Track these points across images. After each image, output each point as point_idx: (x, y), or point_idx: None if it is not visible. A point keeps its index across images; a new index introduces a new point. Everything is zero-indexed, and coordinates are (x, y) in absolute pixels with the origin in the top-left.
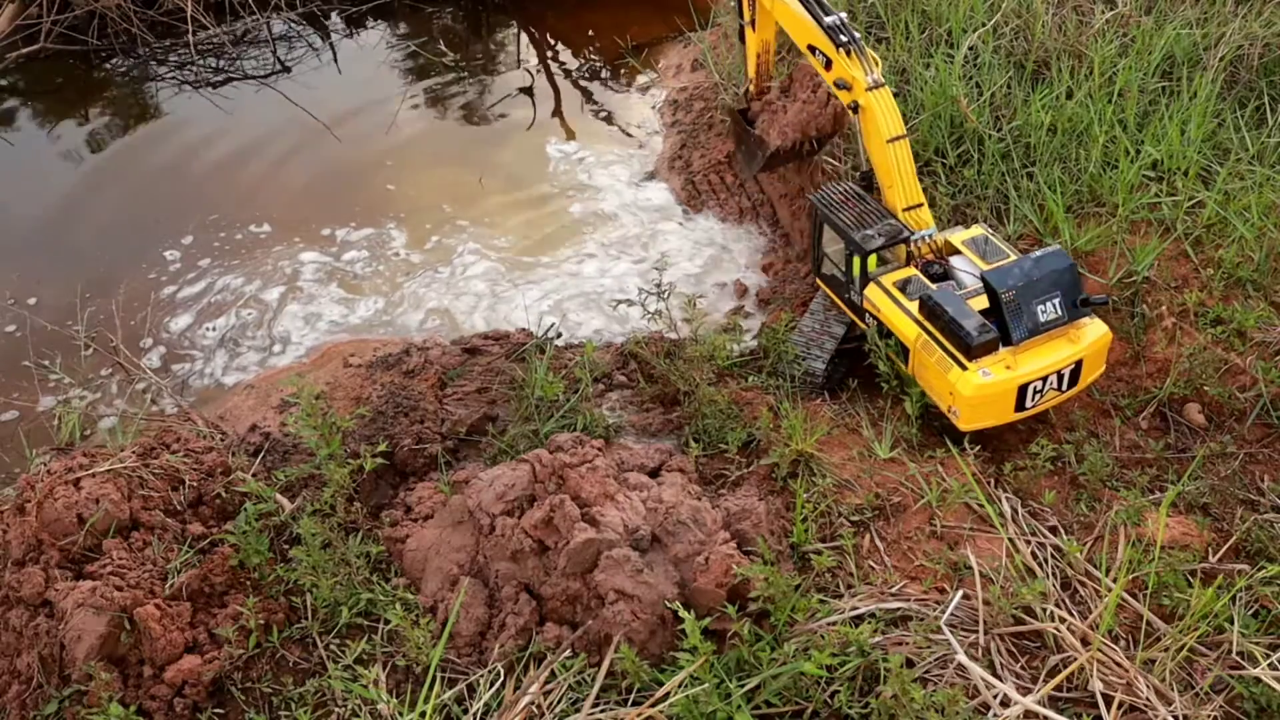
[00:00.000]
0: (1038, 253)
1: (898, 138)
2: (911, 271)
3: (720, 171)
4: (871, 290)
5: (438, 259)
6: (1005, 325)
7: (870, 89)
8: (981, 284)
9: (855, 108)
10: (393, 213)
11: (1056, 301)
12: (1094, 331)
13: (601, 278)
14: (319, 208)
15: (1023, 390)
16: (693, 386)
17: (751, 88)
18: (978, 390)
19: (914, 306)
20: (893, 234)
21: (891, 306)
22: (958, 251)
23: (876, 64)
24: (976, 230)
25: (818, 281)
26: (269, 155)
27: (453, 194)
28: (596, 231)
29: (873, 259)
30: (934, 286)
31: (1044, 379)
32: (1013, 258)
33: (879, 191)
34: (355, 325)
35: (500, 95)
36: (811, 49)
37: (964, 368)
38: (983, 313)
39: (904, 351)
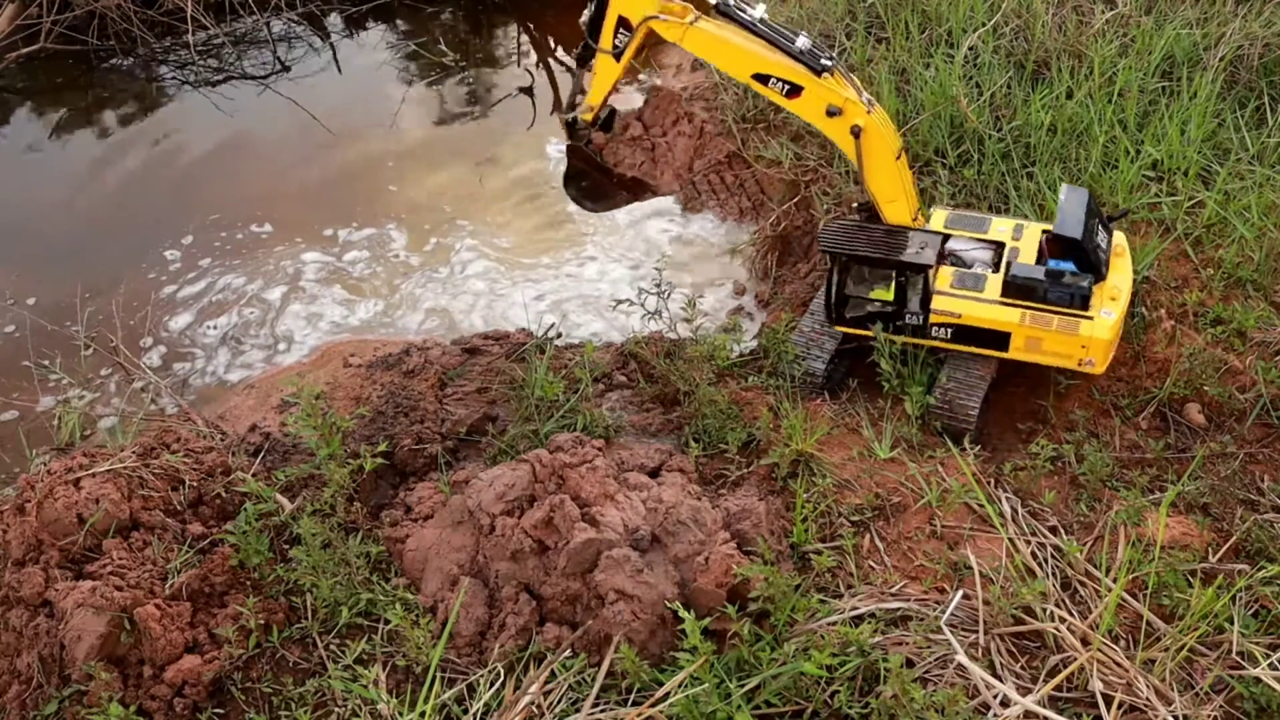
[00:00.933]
0: (1063, 196)
1: (902, 151)
2: (949, 271)
3: (720, 171)
4: (940, 302)
5: (437, 259)
6: (1087, 266)
7: (868, 110)
8: (989, 251)
9: (857, 132)
10: (394, 213)
11: (1100, 227)
12: (1122, 241)
13: (600, 279)
14: (320, 208)
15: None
16: (693, 386)
17: (589, 116)
18: (1111, 330)
19: (996, 294)
20: (932, 240)
21: (972, 305)
22: (947, 237)
23: (859, 83)
24: (941, 212)
25: (843, 331)
26: (269, 156)
27: (453, 194)
28: (595, 232)
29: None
30: (989, 271)
31: (1131, 294)
32: (996, 219)
33: (879, 213)
34: (356, 325)
35: (500, 95)
36: (762, 78)
37: (1090, 318)
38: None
39: (996, 342)
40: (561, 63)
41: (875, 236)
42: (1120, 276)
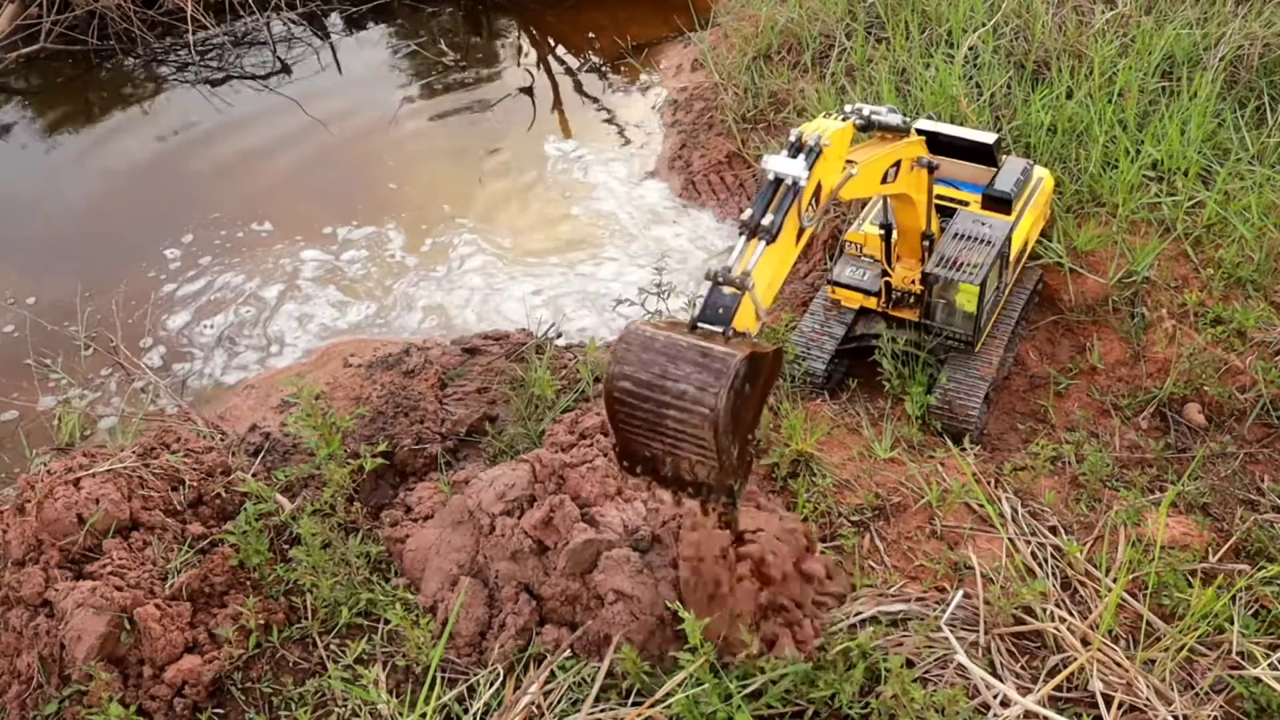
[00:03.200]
0: (929, 127)
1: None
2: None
3: (720, 171)
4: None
5: (435, 259)
6: (990, 159)
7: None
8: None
9: (933, 167)
10: (394, 212)
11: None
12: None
13: (599, 278)
14: (321, 206)
15: None
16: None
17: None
18: (1046, 171)
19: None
20: (970, 214)
21: (1015, 235)
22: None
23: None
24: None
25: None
26: (270, 155)
27: (453, 193)
28: (595, 231)
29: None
30: (974, 218)
31: None
32: None
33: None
34: (350, 326)
35: (500, 95)
36: (884, 177)
37: (1041, 178)
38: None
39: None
40: (561, 62)
41: (962, 247)
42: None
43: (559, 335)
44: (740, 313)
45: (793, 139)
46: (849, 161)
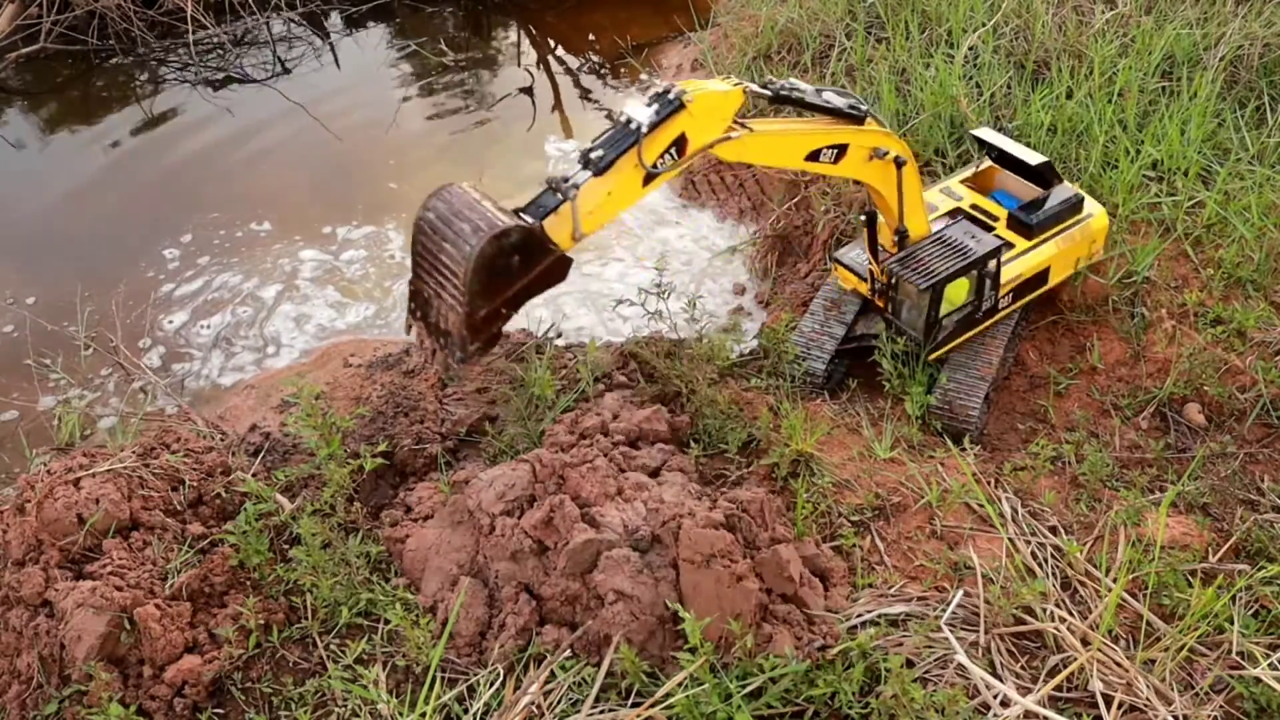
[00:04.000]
0: (990, 137)
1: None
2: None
3: (720, 171)
4: (1006, 270)
5: None
6: (1049, 180)
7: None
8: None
9: (901, 163)
10: (394, 211)
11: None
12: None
13: (598, 277)
14: (320, 206)
15: None
16: (693, 387)
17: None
18: (1103, 210)
19: (1025, 243)
20: (970, 227)
21: (1021, 263)
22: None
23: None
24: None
25: (935, 353)
26: (269, 155)
27: None
28: (598, 232)
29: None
30: (992, 225)
31: None
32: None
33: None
34: (349, 327)
35: (500, 95)
36: (814, 155)
37: (1090, 214)
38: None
39: (1039, 281)
40: (561, 62)
41: (938, 252)
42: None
43: (559, 335)
44: (558, 220)
45: (660, 89)
46: (741, 125)
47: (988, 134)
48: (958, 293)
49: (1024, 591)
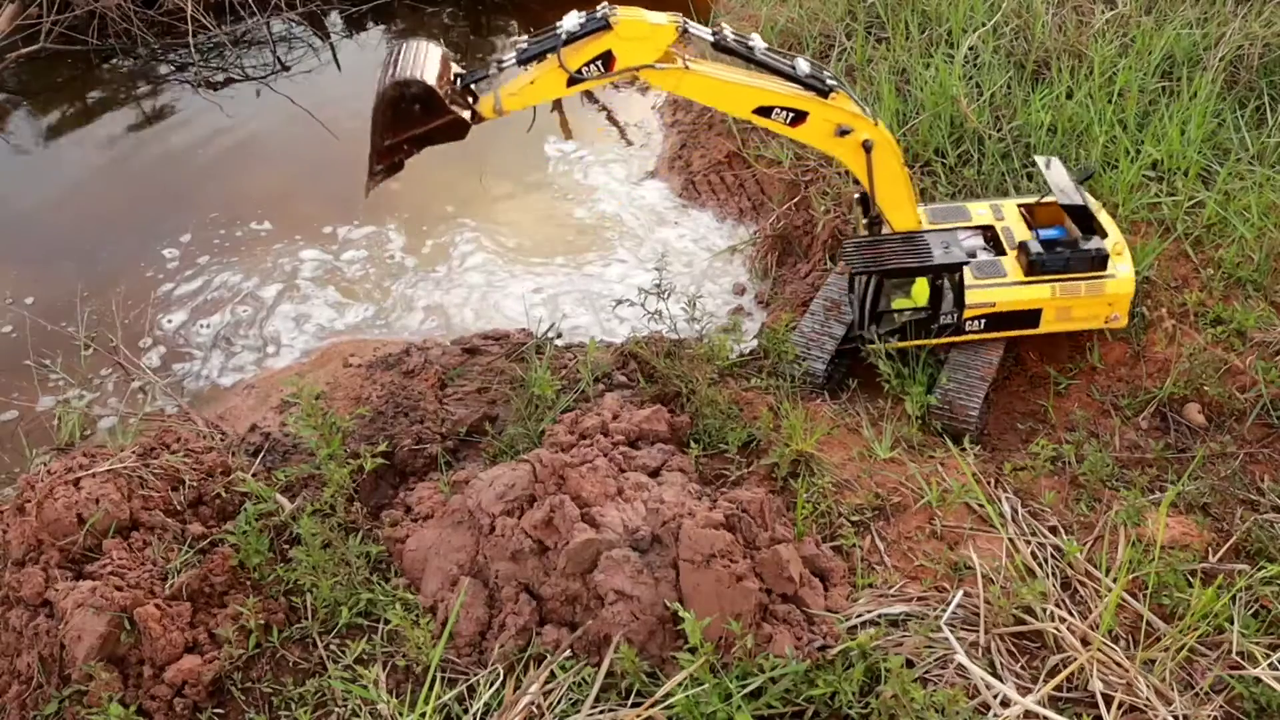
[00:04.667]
0: (1045, 167)
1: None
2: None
3: (720, 171)
4: (972, 295)
5: (435, 259)
6: (1091, 228)
7: (875, 122)
8: (979, 236)
9: (869, 146)
10: (395, 211)
11: (1084, 190)
12: (1091, 196)
13: (599, 277)
14: (321, 206)
15: None
16: (693, 387)
17: (491, 112)
18: (1131, 280)
19: (1019, 275)
20: (952, 239)
21: (1003, 292)
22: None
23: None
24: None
25: (880, 348)
26: (269, 155)
27: (454, 193)
28: (595, 231)
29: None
30: (993, 254)
31: None
32: (969, 204)
33: (882, 222)
34: (348, 327)
35: None
36: (763, 111)
37: (1112, 275)
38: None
39: (1027, 321)
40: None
41: (898, 247)
42: (1113, 228)
43: (559, 335)
44: (489, 92)
45: (599, 8)
46: (679, 57)
47: (1041, 161)
48: (920, 293)
49: (1024, 591)
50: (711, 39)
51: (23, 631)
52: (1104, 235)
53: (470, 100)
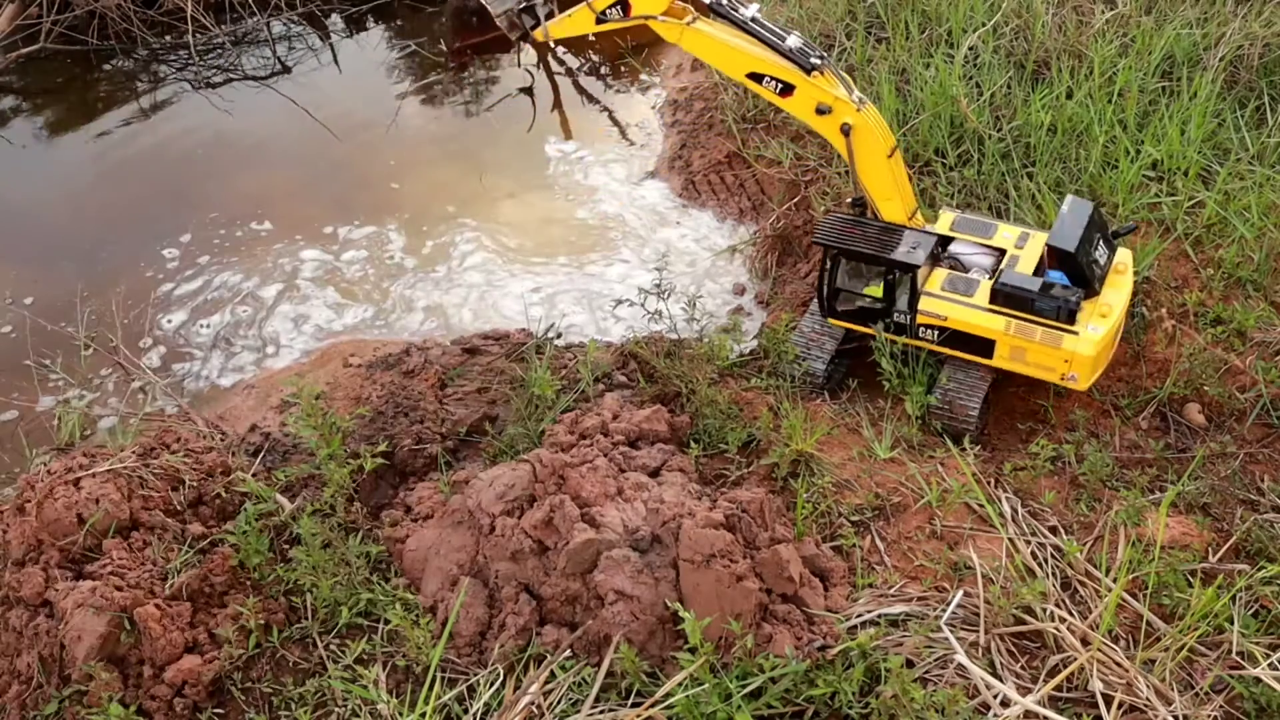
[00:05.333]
0: (1065, 207)
1: (894, 149)
2: (942, 274)
3: (720, 171)
4: (928, 303)
5: (435, 258)
6: (1081, 280)
7: (858, 108)
8: (992, 257)
9: (846, 130)
10: (395, 211)
11: (1102, 242)
12: (1125, 257)
13: (599, 277)
14: (322, 206)
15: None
16: (693, 387)
17: (540, 35)
18: (1096, 346)
19: (984, 301)
20: (926, 241)
21: (960, 309)
22: (950, 240)
23: (851, 81)
24: (948, 215)
25: (832, 323)
26: (269, 155)
27: (454, 194)
28: (595, 231)
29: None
30: (986, 277)
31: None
32: (1001, 225)
33: (872, 210)
34: (346, 328)
35: (500, 95)
36: (756, 77)
37: (1075, 333)
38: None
39: (982, 349)
40: (561, 62)
41: (870, 233)
42: (1115, 293)
43: (559, 335)
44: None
45: None
46: (688, 14)
47: (1066, 204)
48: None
49: (1024, 591)
50: (709, 2)
51: (23, 631)
52: (1092, 292)
53: (528, 26)
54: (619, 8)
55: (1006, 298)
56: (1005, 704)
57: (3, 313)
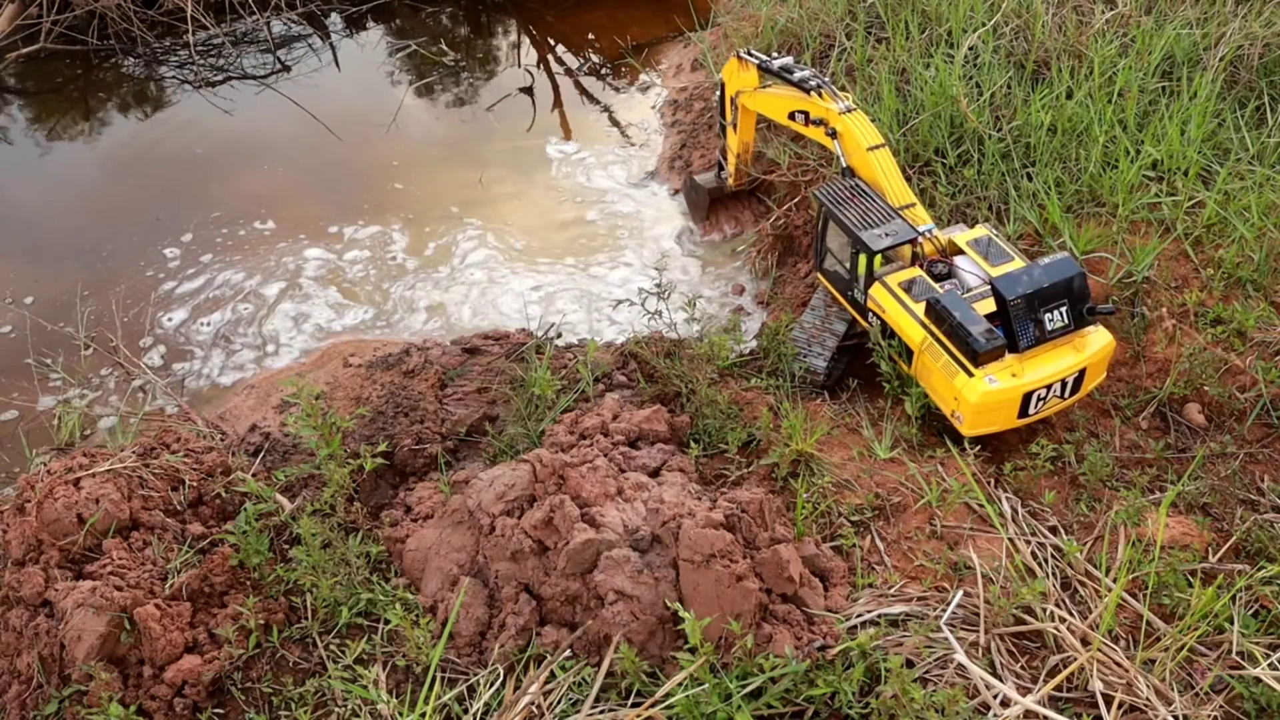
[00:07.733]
0: (1047, 259)
1: (876, 146)
2: (916, 272)
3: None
4: (876, 290)
5: (438, 259)
6: (1012, 332)
7: (843, 114)
8: (986, 285)
9: (834, 134)
10: (398, 211)
11: (1064, 310)
12: (1098, 340)
13: (598, 277)
14: (324, 206)
15: (1027, 398)
16: (693, 387)
17: (731, 182)
18: (983, 398)
19: (920, 309)
20: (901, 234)
21: (896, 307)
22: (961, 251)
23: (847, 95)
24: (980, 231)
25: (819, 276)
26: (270, 155)
27: (455, 194)
28: (595, 231)
29: (878, 258)
30: (940, 288)
31: (1048, 387)
32: (1018, 261)
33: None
34: (347, 329)
35: (500, 95)
36: (792, 115)
37: (970, 374)
38: (989, 317)
39: (908, 353)
40: (561, 62)
41: (862, 205)
42: (1044, 365)
43: (559, 335)
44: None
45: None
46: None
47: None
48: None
49: (1024, 591)
50: (758, 63)
51: (23, 631)
52: (1011, 348)
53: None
54: (732, 104)
55: (935, 313)
56: (1005, 704)
57: (3, 312)
